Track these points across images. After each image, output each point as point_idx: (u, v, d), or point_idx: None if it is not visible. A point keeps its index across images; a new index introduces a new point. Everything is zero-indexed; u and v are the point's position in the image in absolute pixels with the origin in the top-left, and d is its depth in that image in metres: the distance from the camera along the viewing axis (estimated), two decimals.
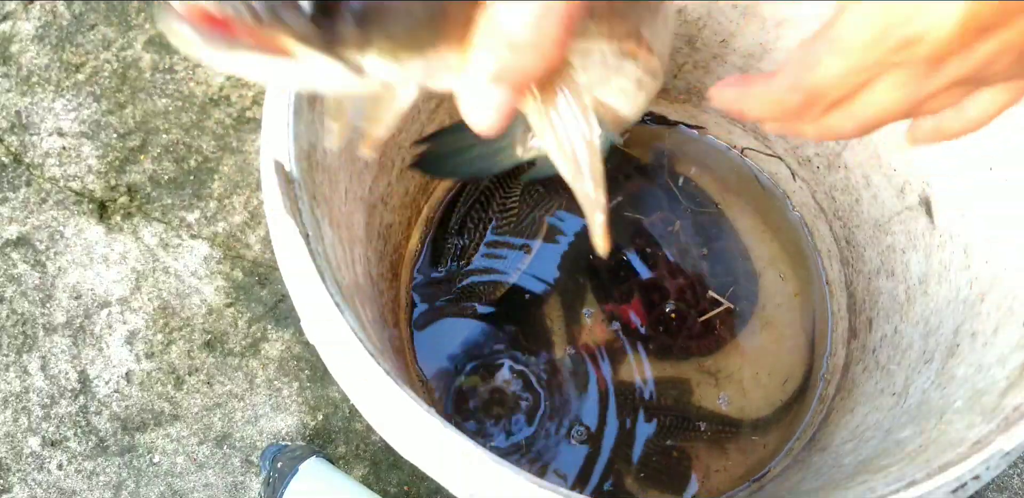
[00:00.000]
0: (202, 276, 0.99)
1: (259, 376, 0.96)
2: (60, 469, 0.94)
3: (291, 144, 0.39)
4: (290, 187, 0.38)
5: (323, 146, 0.44)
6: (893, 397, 0.55)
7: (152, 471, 0.94)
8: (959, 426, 0.40)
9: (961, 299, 0.51)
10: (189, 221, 1.01)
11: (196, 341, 0.97)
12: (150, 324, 0.98)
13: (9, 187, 1.02)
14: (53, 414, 0.96)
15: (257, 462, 0.94)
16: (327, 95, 0.27)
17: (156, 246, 1.00)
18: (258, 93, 1.05)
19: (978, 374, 0.44)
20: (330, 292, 0.35)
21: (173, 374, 0.96)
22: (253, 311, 0.98)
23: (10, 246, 1.00)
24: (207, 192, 1.02)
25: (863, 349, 0.68)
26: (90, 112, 1.04)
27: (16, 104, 1.04)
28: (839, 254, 0.74)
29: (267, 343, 0.97)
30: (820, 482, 0.52)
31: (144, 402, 0.96)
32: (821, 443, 0.65)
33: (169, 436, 0.95)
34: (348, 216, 0.50)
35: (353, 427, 0.94)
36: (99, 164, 1.02)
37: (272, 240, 0.38)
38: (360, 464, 0.93)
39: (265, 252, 1.00)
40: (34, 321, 0.98)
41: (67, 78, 1.05)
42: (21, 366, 0.97)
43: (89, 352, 0.97)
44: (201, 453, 0.94)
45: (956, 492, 0.35)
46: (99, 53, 1.06)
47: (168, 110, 1.04)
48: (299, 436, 0.94)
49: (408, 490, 0.93)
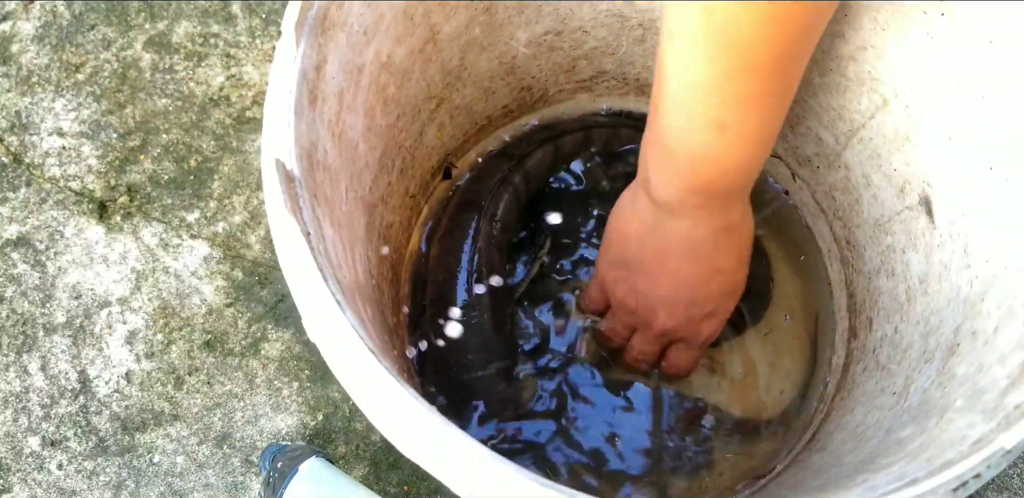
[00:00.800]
0: (202, 276, 0.99)
1: (259, 376, 0.96)
2: (60, 469, 0.94)
3: (292, 143, 0.39)
4: (291, 186, 0.38)
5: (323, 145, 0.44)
6: (893, 396, 0.55)
7: (152, 471, 0.94)
8: (960, 425, 0.40)
9: (961, 298, 0.51)
10: (189, 221, 1.01)
11: (196, 341, 0.97)
12: (150, 324, 0.98)
13: (9, 187, 1.02)
14: (53, 414, 0.96)
15: (257, 462, 0.94)
16: None
17: (156, 246, 1.00)
18: (258, 93, 1.05)
19: (979, 373, 0.44)
20: (331, 290, 0.35)
21: (173, 374, 0.96)
22: (253, 311, 0.98)
23: (10, 246, 1.00)
24: (207, 192, 1.02)
25: (863, 349, 0.68)
26: (90, 112, 1.04)
27: (16, 104, 1.04)
28: (839, 254, 0.74)
29: (267, 343, 0.97)
30: (821, 481, 0.52)
31: (144, 402, 0.96)
32: (821, 443, 0.65)
33: (169, 436, 0.95)
34: (348, 215, 0.50)
35: (353, 427, 0.94)
36: (99, 164, 1.02)
37: (273, 239, 0.38)
38: (360, 464, 0.93)
39: (265, 252, 1.00)
40: (34, 321, 0.98)
41: (67, 78, 1.05)
42: (21, 366, 0.97)
43: (89, 352, 0.97)
44: (201, 453, 0.94)
45: (957, 491, 0.35)
46: (99, 53, 1.06)
47: (168, 110, 1.04)
48: (299, 436, 0.94)
49: (408, 490, 0.93)
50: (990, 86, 0.47)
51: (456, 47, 0.61)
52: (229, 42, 1.06)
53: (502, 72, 0.68)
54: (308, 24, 0.42)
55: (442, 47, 0.59)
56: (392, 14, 0.51)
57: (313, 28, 0.42)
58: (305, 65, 0.41)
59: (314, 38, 0.42)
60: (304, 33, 0.41)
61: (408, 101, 0.60)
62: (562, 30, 0.66)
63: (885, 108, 0.57)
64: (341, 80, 0.47)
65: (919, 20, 0.49)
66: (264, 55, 1.06)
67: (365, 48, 0.49)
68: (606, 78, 0.73)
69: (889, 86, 0.55)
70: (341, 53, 0.46)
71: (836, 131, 0.64)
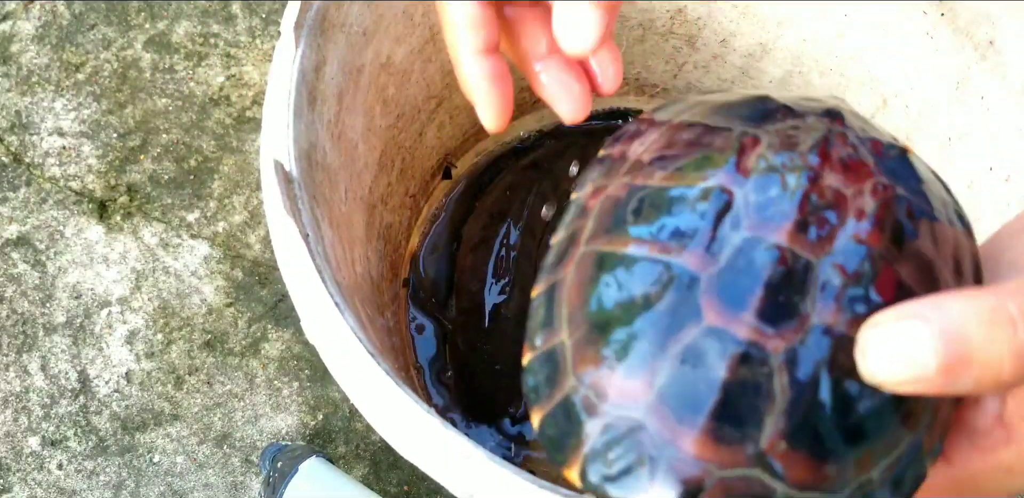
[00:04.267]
0: (202, 276, 0.99)
1: (259, 376, 0.96)
2: (60, 469, 0.94)
3: (291, 144, 0.39)
4: (290, 187, 0.38)
5: (322, 145, 0.44)
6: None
7: (152, 471, 0.94)
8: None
9: None
10: (189, 221, 1.01)
11: (196, 341, 0.97)
12: (150, 324, 0.98)
13: (9, 187, 1.02)
14: (53, 414, 0.96)
15: (257, 462, 0.94)
16: None
17: (156, 246, 1.00)
18: (258, 93, 1.05)
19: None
20: (330, 292, 0.35)
21: (173, 374, 0.96)
22: (253, 311, 0.98)
23: (10, 246, 1.00)
24: (207, 192, 1.02)
25: None
26: (90, 112, 1.04)
27: (16, 104, 1.04)
28: None
29: (267, 343, 0.97)
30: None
31: (144, 402, 0.96)
32: None
33: (169, 436, 0.95)
34: (348, 216, 0.50)
35: (353, 427, 0.94)
36: (99, 164, 1.02)
37: (272, 240, 0.38)
38: (360, 464, 0.93)
39: (265, 252, 1.00)
40: (34, 321, 0.98)
41: (67, 78, 1.05)
42: (21, 366, 0.97)
43: (89, 352, 0.97)
44: (201, 453, 0.94)
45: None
46: (99, 53, 1.06)
47: (168, 110, 1.04)
48: (299, 436, 0.94)
49: (408, 490, 0.93)
50: (990, 86, 0.47)
51: None
52: (229, 42, 1.06)
53: None
54: (307, 25, 0.42)
55: (442, 47, 0.59)
56: (392, 14, 0.51)
57: (312, 29, 0.42)
58: (304, 66, 0.41)
59: (313, 39, 0.42)
60: (303, 34, 0.41)
61: (408, 101, 0.60)
62: None
63: (885, 108, 0.56)
64: (340, 81, 0.47)
65: (919, 20, 0.49)
66: (264, 55, 1.06)
67: (364, 48, 0.49)
68: None
69: (889, 86, 0.55)
70: (340, 54, 0.46)
71: None
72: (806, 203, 0.22)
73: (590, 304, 0.24)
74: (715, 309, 0.22)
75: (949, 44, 0.48)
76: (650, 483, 0.21)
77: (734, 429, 0.21)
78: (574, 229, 0.26)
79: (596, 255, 0.25)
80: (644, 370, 0.22)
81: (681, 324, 0.22)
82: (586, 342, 0.23)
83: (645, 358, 0.22)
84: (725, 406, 0.21)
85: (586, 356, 0.23)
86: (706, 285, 0.22)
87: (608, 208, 0.26)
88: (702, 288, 0.22)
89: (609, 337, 0.23)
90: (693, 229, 0.23)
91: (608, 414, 0.22)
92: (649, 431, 0.21)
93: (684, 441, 0.21)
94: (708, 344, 0.21)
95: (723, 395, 0.21)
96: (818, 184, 0.23)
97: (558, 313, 0.25)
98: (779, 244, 0.22)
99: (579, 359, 0.23)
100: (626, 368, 0.22)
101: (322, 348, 0.36)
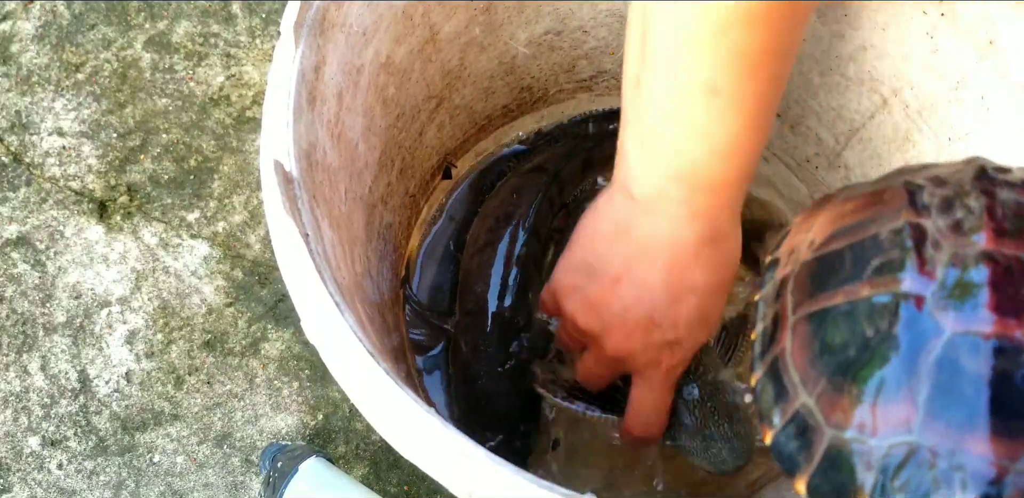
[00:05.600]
0: (202, 276, 0.99)
1: (259, 376, 0.96)
2: (60, 469, 0.94)
3: (291, 144, 0.39)
4: (290, 187, 0.38)
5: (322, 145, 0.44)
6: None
7: (152, 471, 0.94)
8: None
9: None
10: (189, 221, 1.01)
11: (196, 341, 0.97)
12: (150, 324, 0.98)
13: (9, 187, 1.02)
14: (53, 414, 0.96)
15: (257, 462, 0.94)
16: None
17: (156, 246, 1.00)
18: (258, 93, 1.05)
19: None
20: (330, 292, 0.35)
21: (173, 374, 0.96)
22: (253, 311, 0.98)
23: (10, 246, 1.00)
24: (207, 192, 1.02)
25: None
26: (90, 112, 1.04)
27: (16, 104, 1.04)
28: None
29: (267, 343, 0.97)
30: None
31: (144, 402, 0.96)
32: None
33: (169, 436, 0.95)
34: (348, 216, 0.50)
35: (353, 427, 0.94)
36: (99, 164, 1.02)
37: (272, 240, 0.38)
38: (360, 464, 0.94)
39: (265, 252, 1.00)
40: (34, 321, 0.98)
41: (67, 78, 1.05)
42: (21, 366, 0.97)
43: (89, 352, 0.97)
44: (201, 453, 0.94)
45: None
46: (99, 53, 1.06)
47: (168, 110, 1.04)
48: (299, 436, 0.95)
49: (408, 490, 0.93)
50: (990, 86, 0.47)
51: (456, 47, 0.61)
52: (229, 42, 1.06)
53: (502, 72, 0.67)
54: (307, 25, 0.42)
55: (442, 47, 0.59)
56: (391, 14, 0.51)
57: (312, 29, 0.42)
58: (304, 66, 0.41)
59: (313, 39, 0.42)
60: (303, 34, 0.41)
61: (408, 101, 0.60)
62: (562, 30, 0.66)
63: (885, 108, 0.56)
64: (340, 80, 0.47)
65: (919, 20, 0.49)
66: (264, 55, 1.06)
67: (364, 48, 0.49)
68: (606, 78, 0.72)
69: (889, 86, 0.55)
70: (340, 53, 0.46)
71: (836, 131, 0.64)
72: (991, 217, 0.24)
73: (822, 358, 0.24)
74: (952, 317, 0.22)
75: (949, 44, 0.48)
76: (952, 494, 0.21)
77: (1018, 420, 0.21)
78: (774, 311, 0.27)
79: (809, 315, 0.25)
80: (903, 393, 0.22)
81: (923, 341, 0.23)
82: (832, 391, 0.24)
83: (899, 382, 0.23)
84: (1000, 400, 0.21)
85: (836, 404, 0.24)
86: (933, 299, 0.23)
87: (803, 280, 0.27)
88: (930, 303, 0.23)
89: (854, 377, 0.23)
90: (899, 260, 0.24)
91: (879, 448, 0.22)
92: (929, 447, 0.22)
93: (972, 445, 0.21)
94: (958, 349, 0.22)
95: (994, 390, 0.21)
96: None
97: (788, 382, 0.25)
98: (986, 250, 0.23)
99: (829, 410, 0.24)
100: (884, 398, 0.23)
101: (322, 348, 0.36)
